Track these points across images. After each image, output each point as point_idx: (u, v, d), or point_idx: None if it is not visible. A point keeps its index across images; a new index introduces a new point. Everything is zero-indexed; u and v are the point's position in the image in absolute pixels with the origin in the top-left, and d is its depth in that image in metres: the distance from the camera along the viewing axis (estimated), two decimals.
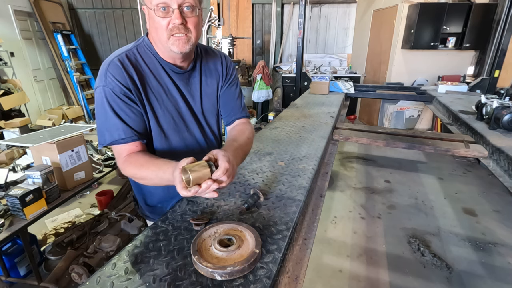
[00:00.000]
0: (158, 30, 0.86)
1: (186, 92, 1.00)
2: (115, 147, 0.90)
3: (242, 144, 0.99)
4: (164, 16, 0.83)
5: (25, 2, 5.31)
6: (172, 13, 0.83)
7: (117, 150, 0.90)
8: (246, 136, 1.04)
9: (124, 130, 0.88)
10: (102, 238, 2.13)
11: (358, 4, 5.86)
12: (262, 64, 5.04)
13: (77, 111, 5.54)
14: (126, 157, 0.89)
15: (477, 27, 4.15)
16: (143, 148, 0.93)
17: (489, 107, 2.13)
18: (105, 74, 0.87)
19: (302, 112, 2.53)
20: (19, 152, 2.24)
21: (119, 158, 0.90)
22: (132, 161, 0.88)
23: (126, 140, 0.88)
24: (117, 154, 0.91)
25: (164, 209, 1.12)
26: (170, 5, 0.82)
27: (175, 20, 0.83)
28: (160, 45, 0.90)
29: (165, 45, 0.88)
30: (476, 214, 2.82)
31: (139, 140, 0.91)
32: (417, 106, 4.78)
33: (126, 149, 0.89)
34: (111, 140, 0.88)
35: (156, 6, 0.82)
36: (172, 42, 0.86)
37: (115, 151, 0.91)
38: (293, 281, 0.82)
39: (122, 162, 0.89)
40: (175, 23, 0.83)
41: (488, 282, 2.02)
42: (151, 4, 0.83)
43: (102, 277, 0.71)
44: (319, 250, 2.34)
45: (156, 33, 0.87)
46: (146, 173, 0.84)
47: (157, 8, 0.82)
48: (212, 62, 1.06)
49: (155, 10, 0.83)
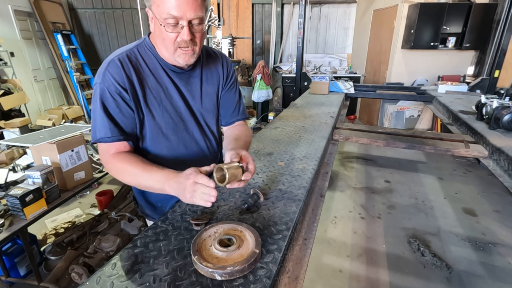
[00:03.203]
0: (166, 41, 0.86)
1: (186, 92, 1.00)
2: (101, 145, 0.90)
3: (246, 142, 1.06)
4: (172, 31, 0.83)
5: (25, 2, 5.31)
6: (181, 29, 0.83)
7: (103, 148, 0.91)
8: (248, 138, 1.11)
9: (111, 129, 0.88)
10: (102, 238, 2.13)
11: (358, 4, 5.86)
12: (262, 64, 5.04)
13: (77, 111, 5.54)
14: (113, 154, 0.89)
15: (477, 27, 4.15)
16: (131, 151, 0.94)
17: (489, 107, 2.12)
18: (104, 72, 0.87)
19: (302, 112, 2.53)
20: (19, 152, 2.24)
21: (105, 155, 0.90)
22: (121, 158, 0.88)
23: (112, 139, 0.89)
24: (102, 152, 0.91)
25: (164, 208, 1.13)
26: (179, 21, 0.82)
27: (184, 36, 0.84)
28: (164, 52, 0.91)
29: (170, 56, 0.89)
30: (476, 214, 2.82)
31: (125, 140, 0.91)
32: (417, 106, 4.78)
33: (112, 148, 0.90)
34: (98, 137, 0.89)
35: (165, 21, 0.81)
36: (178, 54, 0.88)
37: (101, 149, 0.92)
38: (293, 281, 0.82)
39: (109, 158, 0.89)
40: (184, 38, 0.84)
41: (488, 282, 2.02)
42: (160, 16, 0.81)
43: (102, 277, 0.71)
44: (319, 250, 2.34)
45: (162, 42, 0.88)
46: (134, 172, 0.85)
47: (167, 23, 0.82)
48: (212, 63, 1.07)
49: (164, 25, 0.82)
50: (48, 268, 2.09)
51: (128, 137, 0.92)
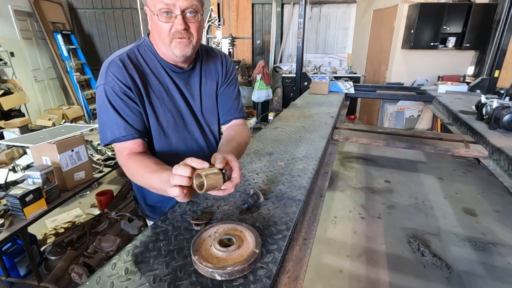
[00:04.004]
0: (161, 34, 0.86)
1: (186, 92, 1.00)
2: (116, 145, 0.90)
3: (241, 144, 1.00)
4: (166, 21, 0.84)
5: (25, 2, 5.31)
6: (175, 18, 0.84)
7: (118, 148, 0.90)
8: (244, 139, 1.04)
9: (125, 127, 0.88)
10: (102, 238, 2.13)
11: (358, 4, 5.86)
12: (262, 64, 5.04)
13: (77, 111, 5.55)
14: (128, 155, 0.89)
15: (477, 27, 4.15)
16: (145, 148, 0.93)
17: (489, 107, 2.12)
18: (106, 73, 0.87)
19: (302, 112, 2.53)
20: (19, 152, 2.24)
21: (121, 156, 0.90)
22: (134, 160, 0.87)
23: (127, 137, 0.88)
24: (119, 152, 0.91)
25: (164, 209, 1.13)
26: (173, 10, 0.82)
27: (178, 25, 0.84)
28: (161, 47, 0.91)
29: (167, 48, 0.89)
30: (476, 214, 2.82)
31: (139, 138, 0.91)
32: (417, 106, 4.78)
33: (127, 147, 0.89)
34: (112, 137, 0.88)
35: (159, 11, 0.83)
36: (174, 45, 0.87)
37: (116, 149, 0.91)
38: (293, 281, 0.82)
39: (124, 160, 0.89)
40: (178, 28, 0.84)
41: (488, 282, 2.02)
42: (154, 8, 0.83)
43: (102, 277, 0.71)
44: (319, 250, 2.34)
45: (158, 36, 0.88)
46: (145, 175, 0.83)
47: (160, 13, 0.83)
48: (212, 62, 1.07)
49: (158, 15, 0.83)
50: (48, 268, 2.09)
51: (141, 134, 0.92)
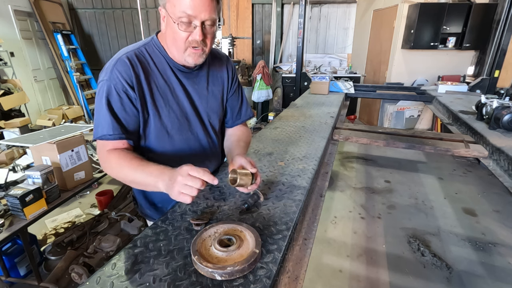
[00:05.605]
0: (177, 41, 0.87)
1: (192, 92, 1.01)
2: (100, 141, 0.91)
3: (247, 143, 1.15)
4: (185, 29, 0.84)
5: (25, 2, 5.31)
6: (194, 28, 0.84)
7: (101, 143, 0.91)
8: (248, 139, 1.19)
9: (113, 127, 0.88)
10: (102, 238, 2.13)
11: (358, 4, 5.86)
12: (262, 64, 5.04)
13: (77, 111, 5.54)
14: (110, 150, 0.89)
15: (477, 27, 4.14)
16: (129, 148, 0.94)
17: (489, 107, 2.12)
18: (112, 69, 0.87)
19: (302, 112, 2.53)
20: (19, 152, 2.24)
21: (103, 150, 0.90)
22: (117, 154, 0.88)
23: (113, 136, 0.89)
24: (101, 146, 0.91)
25: (164, 209, 1.13)
26: (193, 21, 0.83)
27: (196, 36, 0.85)
28: (174, 51, 0.92)
29: (180, 54, 0.90)
30: (476, 214, 2.82)
31: (126, 139, 0.91)
32: (417, 106, 4.78)
33: (111, 143, 0.90)
34: (99, 134, 0.89)
35: (179, 19, 0.83)
36: (188, 54, 0.89)
37: (99, 145, 0.92)
38: (293, 281, 0.82)
39: (105, 154, 0.89)
40: (196, 38, 0.85)
41: (488, 282, 2.02)
42: (175, 15, 0.83)
43: (102, 277, 0.71)
44: (319, 250, 2.34)
45: (173, 42, 0.89)
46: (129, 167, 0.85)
47: (180, 21, 0.83)
48: (218, 65, 1.09)
49: (178, 23, 0.83)
50: (48, 268, 2.09)
51: (129, 135, 0.92)
